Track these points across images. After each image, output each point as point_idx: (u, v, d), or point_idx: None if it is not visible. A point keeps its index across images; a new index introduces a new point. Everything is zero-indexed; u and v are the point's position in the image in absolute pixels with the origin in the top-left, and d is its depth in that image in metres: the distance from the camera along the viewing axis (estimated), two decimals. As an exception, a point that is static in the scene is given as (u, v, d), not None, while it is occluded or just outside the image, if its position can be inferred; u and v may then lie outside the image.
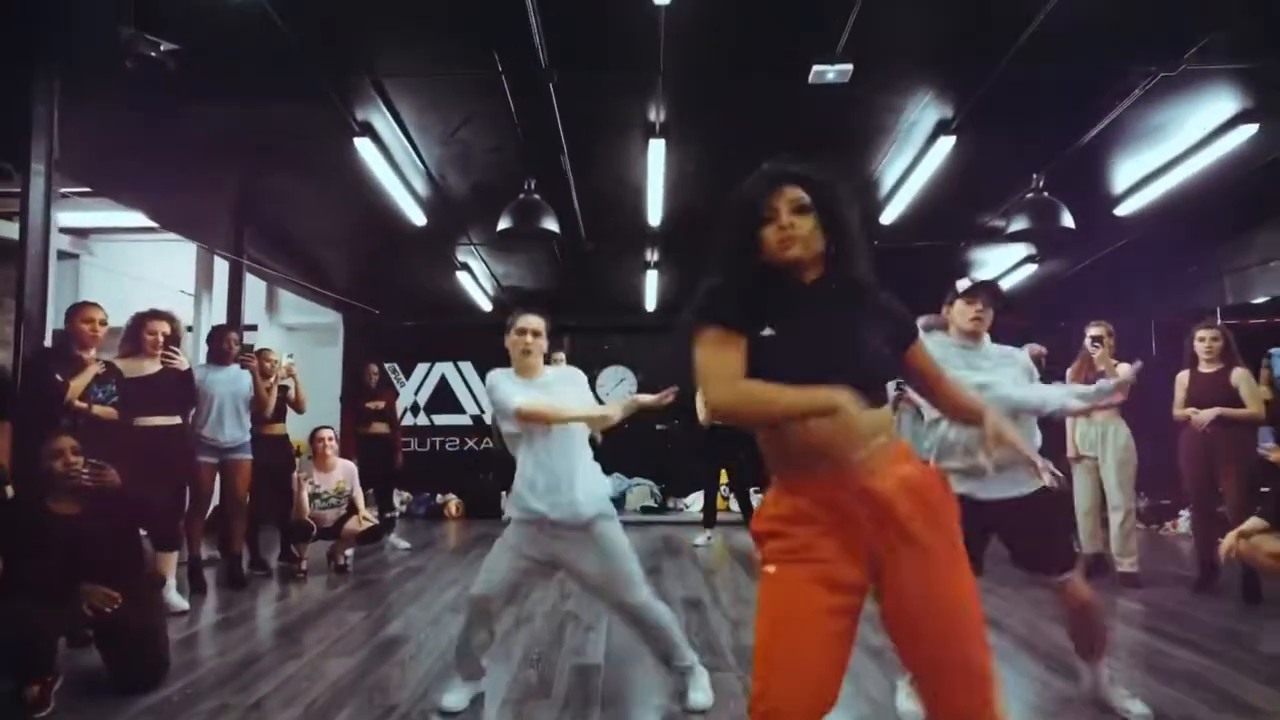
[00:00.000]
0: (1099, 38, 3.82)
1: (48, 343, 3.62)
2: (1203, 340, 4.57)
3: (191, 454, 4.37)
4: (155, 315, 4.07)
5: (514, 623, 3.82)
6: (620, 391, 9.07)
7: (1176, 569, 5.19)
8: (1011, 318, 4.13)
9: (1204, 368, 4.58)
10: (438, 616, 4.05)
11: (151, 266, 7.57)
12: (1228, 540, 3.93)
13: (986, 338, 2.67)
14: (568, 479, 2.57)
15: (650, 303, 8.51)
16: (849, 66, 3.90)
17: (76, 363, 3.56)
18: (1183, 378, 4.67)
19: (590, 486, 2.61)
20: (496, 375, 2.71)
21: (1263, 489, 4.15)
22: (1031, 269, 7.39)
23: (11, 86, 3.60)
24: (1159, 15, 3.68)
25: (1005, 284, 7.91)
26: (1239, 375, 4.45)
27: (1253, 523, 3.87)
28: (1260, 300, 6.51)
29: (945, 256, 6.80)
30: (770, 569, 1.40)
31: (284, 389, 5.16)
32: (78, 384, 3.47)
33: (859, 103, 4.39)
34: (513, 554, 2.63)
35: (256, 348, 5.62)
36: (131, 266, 7.64)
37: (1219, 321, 4.61)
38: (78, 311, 3.63)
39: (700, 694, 2.60)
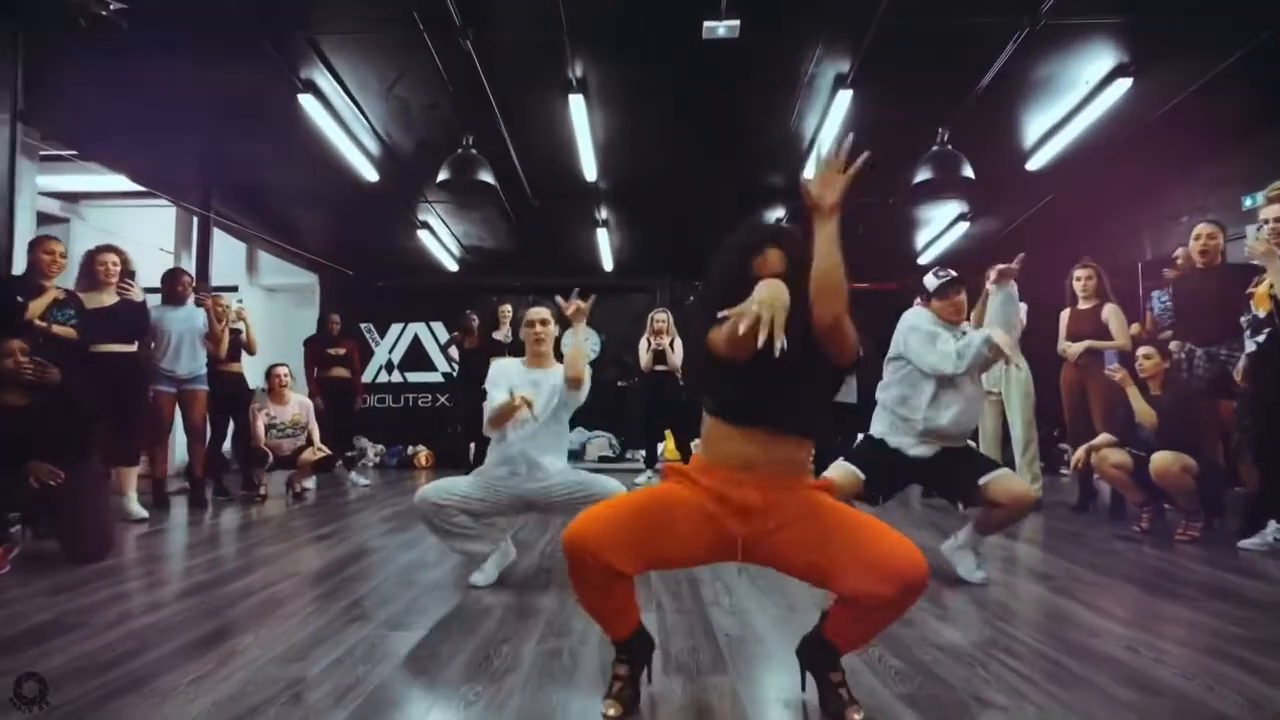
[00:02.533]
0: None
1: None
2: (1079, 279, 4.92)
3: (146, 380, 4.82)
4: (105, 249, 4.50)
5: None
6: (585, 349, 9.49)
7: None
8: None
9: (1081, 305, 4.93)
10: (368, 524, 4.52)
11: (137, 229, 8.04)
12: (1078, 453, 4.33)
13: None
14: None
15: (608, 263, 8.91)
16: (736, 22, 4.27)
17: (37, 289, 4.00)
18: (1064, 315, 5.03)
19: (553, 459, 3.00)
20: (496, 366, 3.07)
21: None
22: (965, 227, 7.72)
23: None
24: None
25: (945, 242, 8.27)
26: (1109, 310, 4.80)
27: (1102, 438, 4.28)
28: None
29: (875, 212, 7.14)
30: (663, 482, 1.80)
31: (236, 332, 5.61)
32: (36, 305, 3.91)
33: (757, 59, 4.74)
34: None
35: (235, 302, 6.01)
36: (118, 228, 8.11)
37: (1089, 260, 4.92)
38: (39, 244, 4.06)
39: None
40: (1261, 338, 3.48)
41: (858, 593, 1.59)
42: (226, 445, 5.99)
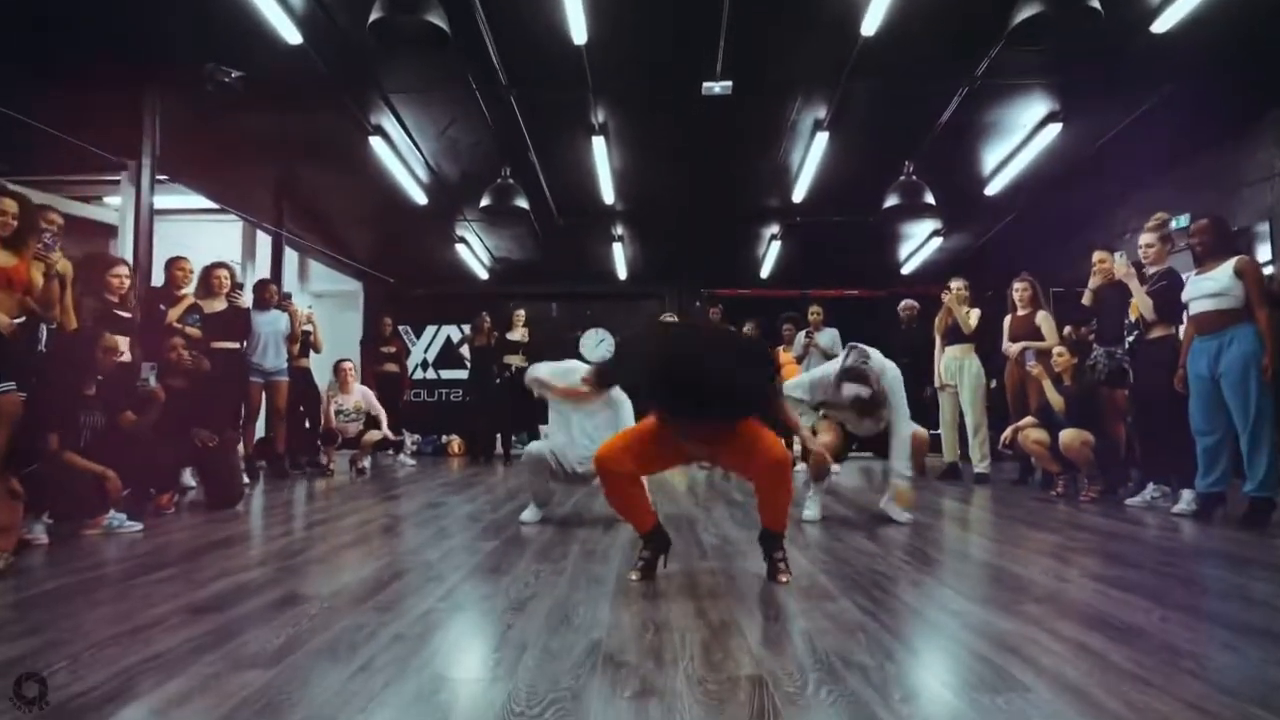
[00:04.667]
0: (913, 55, 5.13)
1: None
2: (1017, 290, 5.88)
3: (247, 372, 5.86)
4: (218, 265, 5.57)
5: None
6: (601, 350, 10.54)
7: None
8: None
9: (1020, 311, 5.88)
10: (427, 489, 5.53)
11: (205, 241, 9.12)
12: (1006, 432, 5.30)
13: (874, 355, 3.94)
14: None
15: (621, 273, 9.94)
16: (729, 83, 5.27)
17: (174, 299, 5.06)
18: (1007, 320, 5.99)
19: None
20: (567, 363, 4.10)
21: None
22: (939, 241, 8.70)
23: (127, 103, 5.08)
24: (949, 41, 4.98)
25: (921, 256, 9.25)
26: (1041, 317, 5.75)
27: (1026, 420, 5.25)
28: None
29: (861, 228, 8.12)
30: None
31: (306, 333, 6.65)
32: (174, 312, 4.98)
33: (750, 108, 5.75)
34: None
35: (305, 308, 7.03)
36: (188, 240, 9.20)
37: (1026, 275, 5.87)
38: (174, 262, 5.13)
39: None
40: (1132, 338, 4.45)
41: (755, 472, 2.60)
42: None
